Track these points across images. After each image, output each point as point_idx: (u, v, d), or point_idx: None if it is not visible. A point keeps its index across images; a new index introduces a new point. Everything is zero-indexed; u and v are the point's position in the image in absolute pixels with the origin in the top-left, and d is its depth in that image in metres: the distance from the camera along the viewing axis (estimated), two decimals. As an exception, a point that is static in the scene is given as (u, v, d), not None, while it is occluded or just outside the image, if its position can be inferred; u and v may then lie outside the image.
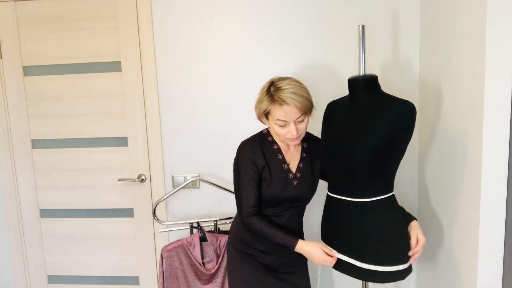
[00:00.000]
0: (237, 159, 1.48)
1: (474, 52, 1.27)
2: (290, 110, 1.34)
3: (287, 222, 1.51)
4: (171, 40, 1.98)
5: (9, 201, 2.20)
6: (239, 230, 1.56)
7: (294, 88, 1.35)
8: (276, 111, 1.36)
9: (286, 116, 1.35)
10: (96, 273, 2.23)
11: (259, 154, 1.45)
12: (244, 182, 1.44)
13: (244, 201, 1.43)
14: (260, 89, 1.44)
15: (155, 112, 2.03)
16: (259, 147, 1.47)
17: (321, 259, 1.39)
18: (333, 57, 1.90)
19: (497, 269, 1.29)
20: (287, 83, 1.37)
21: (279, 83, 1.37)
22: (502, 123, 1.21)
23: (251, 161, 1.43)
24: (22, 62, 2.08)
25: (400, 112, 1.31)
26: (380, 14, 1.85)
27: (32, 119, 2.13)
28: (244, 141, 1.50)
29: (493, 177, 1.24)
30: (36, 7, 2.03)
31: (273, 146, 1.49)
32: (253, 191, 1.43)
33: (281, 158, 1.48)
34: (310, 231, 2.00)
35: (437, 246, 1.67)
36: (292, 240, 1.39)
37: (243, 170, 1.44)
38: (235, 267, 1.57)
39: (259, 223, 1.41)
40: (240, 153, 1.47)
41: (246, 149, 1.46)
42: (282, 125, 1.38)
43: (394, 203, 1.42)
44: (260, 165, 1.44)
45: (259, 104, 1.41)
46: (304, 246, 1.39)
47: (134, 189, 2.12)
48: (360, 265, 1.39)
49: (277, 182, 1.45)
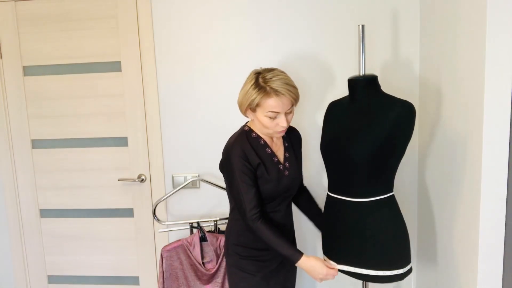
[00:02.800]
0: (227, 161, 1.41)
1: (474, 52, 1.27)
2: (285, 100, 1.33)
3: (284, 217, 1.51)
4: (171, 40, 1.98)
5: (9, 201, 2.20)
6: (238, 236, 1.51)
7: (286, 78, 1.35)
8: (269, 102, 1.33)
9: (279, 107, 1.33)
10: (96, 273, 2.23)
11: (251, 152, 1.40)
12: (241, 183, 1.38)
13: (246, 204, 1.38)
14: (245, 82, 1.40)
15: (155, 112, 2.03)
16: (248, 145, 1.42)
17: (324, 273, 1.37)
18: (333, 57, 1.90)
19: (497, 269, 1.29)
20: (276, 73, 1.35)
21: (268, 74, 1.35)
22: (502, 123, 1.21)
23: (244, 160, 1.38)
24: (22, 62, 2.08)
25: (400, 112, 1.31)
26: (380, 14, 1.85)
27: (32, 119, 2.13)
28: (230, 142, 1.44)
29: (493, 177, 1.24)
30: (36, 7, 2.03)
31: (260, 141, 1.45)
32: (253, 191, 1.39)
33: (270, 151, 1.46)
34: (310, 231, 2.00)
35: (437, 246, 1.67)
36: (295, 254, 1.37)
37: (238, 171, 1.38)
38: (239, 272, 1.51)
39: (265, 230, 1.37)
40: (231, 154, 1.40)
41: (236, 149, 1.40)
42: (273, 116, 1.35)
43: (394, 203, 1.42)
44: (254, 163, 1.40)
45: (248, 97, 1.36)
46: (307, 262, 1.37)
47: (134, 189, 2.12)
48: (360, 271, 1.40)
49: (273, 177, 1.43)
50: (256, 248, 1.50)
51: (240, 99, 1.41)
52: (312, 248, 2.04)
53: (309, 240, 2.03)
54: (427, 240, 1.79)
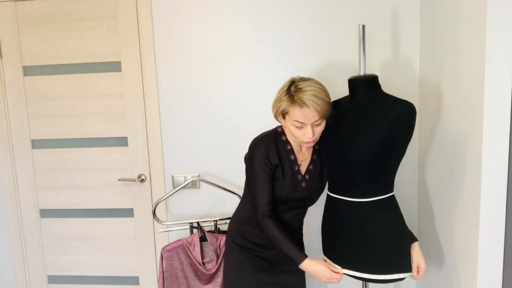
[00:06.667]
0: (251, 155, 1.45)
1: (474, 52, 1.27)
2: (309, 112, 1.31)
3: (290, 220, 1.52)
4: (171, 40, 1.98)
5: (9, 201, 2.20)
6: (241, 222, 1.56)
7: (316, 90, 1.32)
8: (295, 112, 1.33)
9: (304, 118, 1.32)
10: (96, 273, 2.23)
11: (273, 152, 1.44)
12: (258, 178, 1.42)
13: (259, 199, 1.42)
14: (280, 88, 1.41)
15: (155, 112, 2.03)
16: (273, 145, 1.45)
17: (328, 277, 1.38)
18: (333, 57, 1.90)
19: (497, 269, 1.29)
20: (309, 84, 1.33)
21: (300, 84, 1.34)
22: (502, 123, 1.21)
23: (266, 158, 1.42)
24: (22, 62, 2.08)
25: (400, 112, 1.31)
26: (380, 14, 1.85)
27: (32, 119, 2.13)
28: (258, 138, 1.48)
29: (493, 177, 1.24)
30: (36, 7, 2.03)
31: (287, 146, 1.47)
32: (268, 189, 1.42)
33: (293, 159, 1.47)
34: (310, 231, 2.00)
35: (437, 246, 1.67)
36: (299, 255, 1.38)
37: (258, 167, 1.42)
38: (232, 259, 1.57)
39: (272, 228, 1.40)
40: (255, 149, 1.44)
41: (261, 146, 1.44)
42: (299, 126, 1.35)
43: (394, 204, 1.42)
44: (274, 163, 1.43)
45: (278, 103, 1.38)
46: (310, 265, 1.38)
47: (134, 189, 2.12)
48: (359, 275, 1.40)
49: (288, 183, 1.45)
50: (254, 243, 1.54)
51: (273, 104, 1.43)
52: (319, 251, 2.03)
53: (317, 242, 2.02)
54: (427, 240, 1.79)
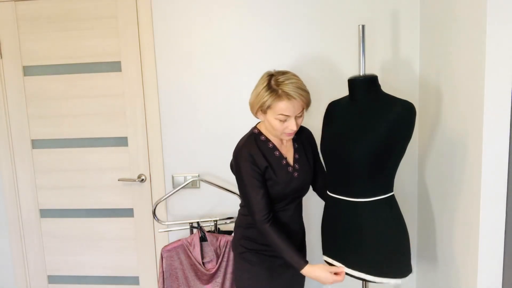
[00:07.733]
0: (237, 165, 1.44)
1: (474, 52, 1.27)
2: (296, 104, 1.34)
3: (292, 216, 1.52)
4: (171, 39, 1.98)
5: (9, 201, 2.20)
6: (245, 229, 1.55)
7: (298, 82, 1.35)
8: (280, 105, 1.34)
9: (290, 110, 1.34)
10: (96, 273, 2.23)
11: (259, 156, 1.43)
12: (250, 186, 1.41)
13: (255, 206, 1.41)
14: (257, 84, 1.41)
15: (155, 112, 2.03)
16: (256, 149, 1.44)
17: (331, 281, 1.38)
18: (333, 57, 1.90)
19: (497, 269, 1.29)
20: (288, 77, 1.35)
21: (280, 77, 1.35)
22: (502, 123, 1.21)
23: (252, 164, 1.41)
24: (22, 62, 2.08)
25: (400, 112, 1.31)
26: (380, 14, 1.85)
27: (32, 119, 2.13)
28: (239, 145, 1.46)
29: (493, 177, 1.24)
30: (36, 7, 2.03)
31: (268, 144, 1.47)
32: (261, 195, 1.41)
33: (279, 154, 1.47)
34: (310, 231, 1.99)
35: (437, 246, 1.67)
36: (299, 262, 1.37)
37: (246, 175, 1.41)
38: (243, 263, 1.54)
39: (272, 234, 1.39)
40: (240, 158, 1.43)
41: (245, 153, 1.42)
42: (283, 119, 1.36)
43: (394, 204, 1.42)
44: (262, 166, 1.42)
45: (260, 99, 1.37)
46: (311, 271, 1.37)
47: (134, 189, 2.12)
48: (358, 275, 1.40)
49: (282, 179, 1.45)
50: (262, 243, 1.52)
51: (252, 100, 1.42)
52: (319, 250, 2.04)
53: (317, 242, 2.02)
54: (427, 240, 1.79)
